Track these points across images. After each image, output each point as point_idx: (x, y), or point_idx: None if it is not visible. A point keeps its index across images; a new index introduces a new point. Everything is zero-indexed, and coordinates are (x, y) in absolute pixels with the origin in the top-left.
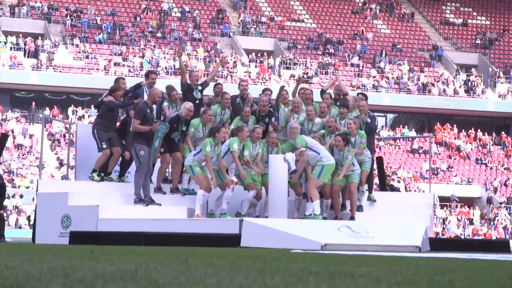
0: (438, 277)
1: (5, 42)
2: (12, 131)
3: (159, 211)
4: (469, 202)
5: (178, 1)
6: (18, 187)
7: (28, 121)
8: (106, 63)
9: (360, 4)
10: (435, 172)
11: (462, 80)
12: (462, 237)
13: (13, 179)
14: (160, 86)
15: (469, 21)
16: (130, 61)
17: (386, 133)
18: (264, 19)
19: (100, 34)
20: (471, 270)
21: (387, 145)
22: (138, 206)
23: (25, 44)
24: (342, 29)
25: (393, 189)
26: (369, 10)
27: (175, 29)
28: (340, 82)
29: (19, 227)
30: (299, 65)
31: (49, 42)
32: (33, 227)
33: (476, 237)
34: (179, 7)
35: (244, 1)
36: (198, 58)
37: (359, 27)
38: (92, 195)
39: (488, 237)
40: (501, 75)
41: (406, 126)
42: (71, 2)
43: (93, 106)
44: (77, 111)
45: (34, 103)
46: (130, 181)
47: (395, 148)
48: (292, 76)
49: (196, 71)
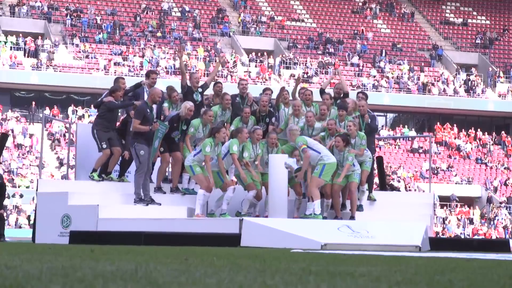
0: (438, 277)
1: (5, 42)
2: (12, 131)
3: (159, 211)
4: (469, 202)
5: (178, 1)
6: (18, 187)
7: (28, 121)
8: (106, 63)
9: (360, 4)
10: (435, 172)
11: (462, 80)
12: (462, 237)
13: (13, 179)
14: (160, 86)
15: (469, 21)
16: (130, 61)
17: (386, 133)
18: (264, 19)
19: (100, 34)
20: (471, 270)
21: (387, 145)
22: (138, 206)
23: (25, 44)
24: (342, 29)
25: (393, 189)
26: (369, 10)
27: (175, 29)
28: (342, 80)
29: (19, 227)
30: (299, 65)
31: (49, 42)
32: (33, 227)
33: (476, 237)
34: (179, 7)
35: (244, 1)
36: (198, 58)
37: (359, 27)
38: (92, 195)
39: (488, 237)
40: (501, 75)
41: (406, 126)
42: (71, 2)
43: (93, 106)
44: (77, 111)
45: (34, 103)
46: (130, 181)
47: (395, 148)
48: (292, 76)
49: (197, 73)
